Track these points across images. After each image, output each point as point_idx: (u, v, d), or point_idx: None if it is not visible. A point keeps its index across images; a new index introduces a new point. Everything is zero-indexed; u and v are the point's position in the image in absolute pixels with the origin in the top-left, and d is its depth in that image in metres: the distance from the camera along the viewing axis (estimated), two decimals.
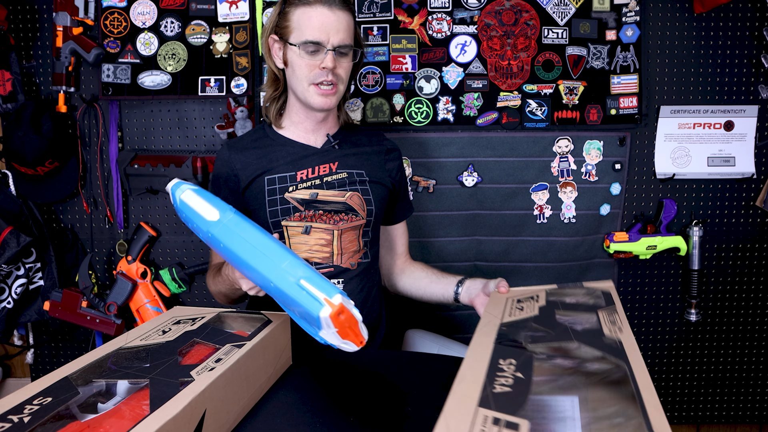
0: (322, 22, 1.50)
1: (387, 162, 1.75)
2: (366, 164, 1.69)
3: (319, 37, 1.50)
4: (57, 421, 0.73)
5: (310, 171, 1.61)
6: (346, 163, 1.65)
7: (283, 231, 1.59)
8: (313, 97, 1.56)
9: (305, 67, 1.53)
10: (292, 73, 1.58)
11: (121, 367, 0.89)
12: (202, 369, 0.88)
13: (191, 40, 2.26)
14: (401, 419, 0.97)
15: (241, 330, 1.07)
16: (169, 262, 2.38)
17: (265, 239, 1.00)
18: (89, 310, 2.19)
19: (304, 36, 1.51)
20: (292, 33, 1.54)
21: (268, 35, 1.62)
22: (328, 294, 0.85)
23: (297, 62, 1.54)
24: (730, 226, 2.37)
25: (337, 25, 1.51)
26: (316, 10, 1.50)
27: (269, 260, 0.96)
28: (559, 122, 2.27)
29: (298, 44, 1.52)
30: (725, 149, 2.31)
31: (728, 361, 2.45)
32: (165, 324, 1.11)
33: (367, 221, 1.64)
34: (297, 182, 1.59)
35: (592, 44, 2.25)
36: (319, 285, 0.88)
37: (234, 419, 0.93)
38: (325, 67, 1.51)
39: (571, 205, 2.31)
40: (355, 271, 1.63)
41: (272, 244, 1.00)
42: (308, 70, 1.53)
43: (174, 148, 2.33)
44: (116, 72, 2.26)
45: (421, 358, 1.53)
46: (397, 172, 1.78)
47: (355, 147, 1.72)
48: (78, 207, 2.37)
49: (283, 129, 1.70)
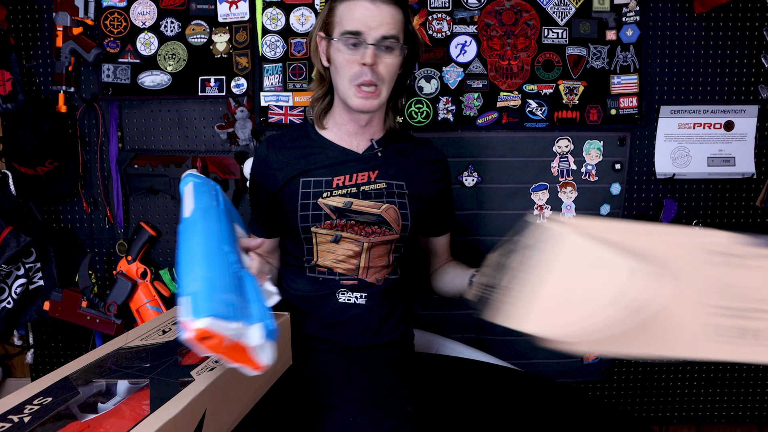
0: (363, 14, 1.44)
1: (432, 173, 1.68)
2: (408, 175, 1.62)
3: (358, 27, 1.44)
4: (57, 421, 0.73)
5: (347, 178, 1.56)
6: (387, 173, 1.60)
7: (311, 237, 1.55)
8: (352, 98, 1.51)
9: (345, 63, 1.48)
10: (335, 71, 1.53)
11: (121, 367, 0.90)
12: (203, 369, 0.88)
13: (191, 40, 2.26)
14: (403, 419, 0.98)
15: None
16: (169, 262, 2.39)
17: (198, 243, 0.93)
18: (89, 310, 2.20)
19: (343, 27, 1.47)
20: (335, 27, 1.50)
21: (317, 32, 1.58)
22: (193, 315, 0.78)
23: (338, 58, 1.50)
24: (730, 226, 2.37)
25: (380, 18, 1.45)
26: (359, 3, 1.45)
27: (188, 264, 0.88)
28: (559, 122, 2.28)
29: (337, 37, 1.48)
30: (725, 149, 2.32)
31: (728, 361, 2.44)
32: (165, 324, 1.11)
33: (400, 236, 1.59)
34: (332, 188, 1.55)
35: (592, 44, 2.26)
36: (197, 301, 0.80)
37: (234, 419, 0.93)
38: (365, 63, 1.45)
39: (571, 206, 2.31)
40: (380, 286, 1.60)
41: (196, 248, 0.92)
42: (348, 67, 1.48)
43: (174, 148, 2.33)
44: (116, 72, 2.27)
45: (421, 358, 1.54)
46: (442, 184, 1.72)
47: (399, 155, 1.65)
48: (78, 207, 2.38)
49: (326, 130, 1.65)
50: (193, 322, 0.76)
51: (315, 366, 1.24)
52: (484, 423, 0.97)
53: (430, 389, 1.11)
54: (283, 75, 2.26)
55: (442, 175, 1.72)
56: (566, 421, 1.00)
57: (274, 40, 2.25)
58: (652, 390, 2.48)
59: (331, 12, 1.51)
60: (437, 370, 1.16)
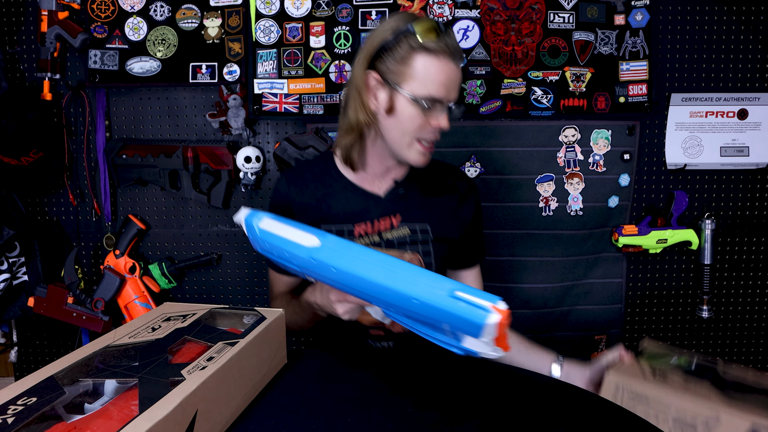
0: (449, 78, 1.39)
1: (460, 209, 1.65)
2: (433, 216, 1.58)
3: (443, 94, 1.40)
4: (42, 422, 0.72)
5: (369, 226, 1.54)
6: (410, 215, 1.56)
7: None
8: (412, 154, 1.46)
9: (417, 122, 1.42)
10: (395, 123, 1.45)
11: (109, 366, 0.89)
12: (194, 368, 0.87)
13: (182, 25, 2.25)
14: (402, 419, 0.97)
15: (234, 327, 1.07)
16: (159, 256, 2.38)
17: (385, 257, 0.97)
18: (75, 307, 2.19)
19: (427, 89, 1.38)
20: (412, 82, 1.39)
21: (365, 68, 1.46)
22: (491, 300, 0.83)
23: (408, 114, 1.42)
24: (743, 218, 2.36)
25: (457, 81, 1.42)
26: (442, 62, 1.38)
27: (405, 277, 0.93)
28: (565, 110, 2.27)
29: (418, 97, 1.39)
30: (739, 139, 2.31)
31: (742, 361, 2.45)
32: (154, 321, 1.10)
33: None
34: (355, 239, 1.52)
35: (600, 29, 2.24)
36: (475, 293, 0.86)
37: (227, 420, 0.92)
38: (438, 126, 1.43)
39: (577, 197, 2.30)
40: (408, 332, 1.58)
41: (395, 261, 0.96)
42: (420, 127, 1.42)
43: (164, 138, 2.32)
44: (103, 58, 2.25)
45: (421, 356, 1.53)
46: (471, 217, 1.68)
47: (422, 194, 1.61)
48: (64, 199, 2.37)
49: (350, 170, 1.61)
50: (496, 305, 0.82)
51: (312, 365, 1.23)
52: (485, 423, 0.96)
53: (431, 388, 1.10)
54: (277, 61, 2.25)
55: (471, 208, 1.69)
56: (567, 420, 1.00)
57: (268, 24, 2.24)
58: None
59: (404, 60, 1.40)
60: (435, 370, 1.15)
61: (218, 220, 2.36)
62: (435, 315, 0.90)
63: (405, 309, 0.95)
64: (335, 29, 2.25)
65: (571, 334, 2.40)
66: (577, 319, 2.40)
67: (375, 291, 0.98)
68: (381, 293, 0.96)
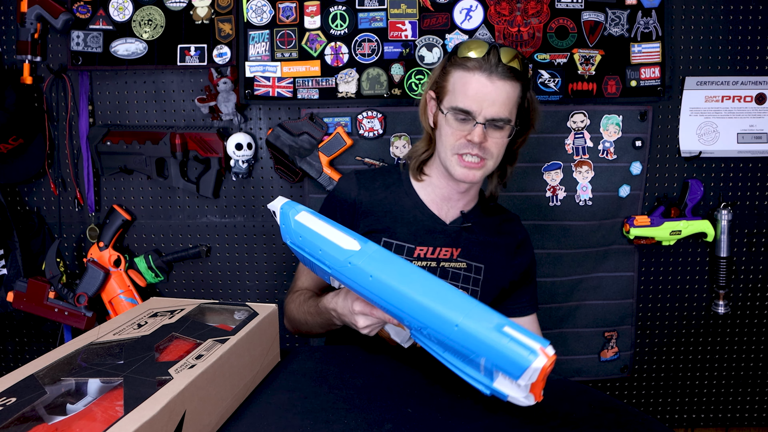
0: (477, 91, 1.46)
1: (514, 257, 1.71)
2: (489, 258, 1.65)
3: (470, 106, 1.46)
4: (22, 424, 0.73)
5: (430, 250, 1.59)
6: (469, 252, 1.63)
7: None
8: (454, 167, 1.53)
9: (450, 135, 1.52)
10: (438, 137, 1.58)
11: (93, 365, 0.89)
12: (182, 366, 0.88)
13: (169, 5, 2.24)
14: (402, 419, 0.97)
15: (224, 324, 1.07)
16: (145, 248, 2.38)
17: (433, 277, 0.98)
18: (57, 302, 2.19)
19: (455, 101, 1.49)
20: (446, 95, 1.53)
21: (428, 89, 1.63)
22: (541, 343, 0.84)
23: (443, 127, 1.54)
24: (762, 209, 2.36)
25: (493, 97, 1.46)
26: (474, 76, 1.46)
27: (453, 301, 0.93)
28: (574, 95, 2.27)
29: (446, 109, 1.51)
30: (756, 125, 2.31)
31: (760, 358, 2.45)
32: (140, 317, 1.11)
33: None
34: (414, 258, 1.58)
35: (611, 9, 2.24)
36: (525, 333, 0.87)
37: (217, 421, 0.93)
38: (471, 140, 1.48)
39: (587, 186, 2.31)
40: None
41: (443, 283, 0.97)
42: (454, 139, 1.51)
43: (150, 124, 2.32)
44: (87, 40, 2.25)
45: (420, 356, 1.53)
46: (524, 267, 1.74)
47: (484, 233, 1.67)
48: (45, 188, 2.37)
49: (421, 184, 1.68)
50: (545, 349, 0.83)
51: (306, 363, 1.23)
52: (485, 423, 0.97)
53: (428, 389, 1.11)
54: (270, 43, 2.25)
55: (527, 258, 1.76)
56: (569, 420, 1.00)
57: (260, 4, 2.23)
58: (676, 390, 2.48)
59: (444, 75, 1.54)
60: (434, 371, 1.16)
61: (207, 211, 2.36)
62: (474, 346, 0.89)
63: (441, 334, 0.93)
64: (331, 9, 2.24)
65: (580, 330, 2.41)
66: (587, 315, 2.40)
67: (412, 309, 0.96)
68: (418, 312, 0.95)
